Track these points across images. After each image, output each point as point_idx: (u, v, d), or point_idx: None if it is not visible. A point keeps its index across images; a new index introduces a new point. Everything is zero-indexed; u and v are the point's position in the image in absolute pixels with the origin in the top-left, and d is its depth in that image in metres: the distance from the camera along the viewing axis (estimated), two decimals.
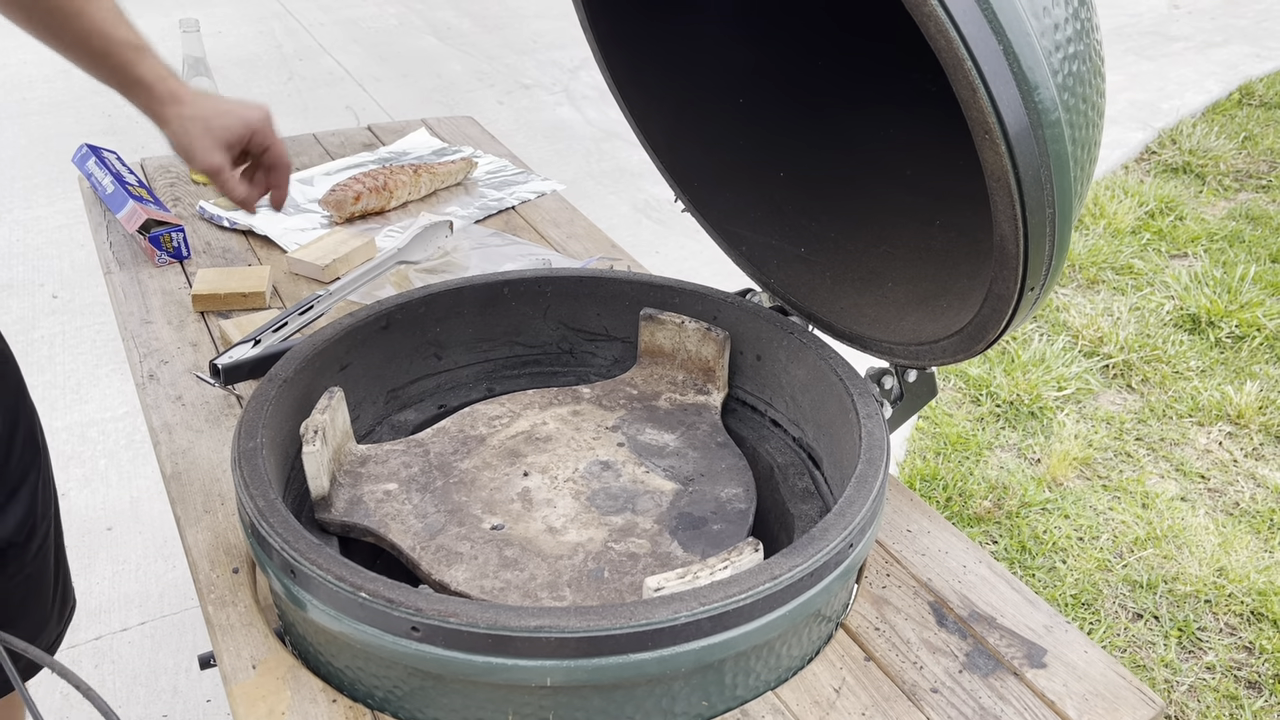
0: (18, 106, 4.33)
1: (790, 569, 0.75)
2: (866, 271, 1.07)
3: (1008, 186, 0.71)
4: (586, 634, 0.70)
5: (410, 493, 0.95)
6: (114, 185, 1.50)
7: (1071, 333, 2.92)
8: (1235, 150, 4.13)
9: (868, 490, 0.82)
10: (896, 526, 0.98)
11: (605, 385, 1.12)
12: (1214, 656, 1.95)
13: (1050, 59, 0.69)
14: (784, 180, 1.15)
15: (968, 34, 0.66)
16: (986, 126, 0.69)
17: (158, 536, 2.17)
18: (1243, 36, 5.57)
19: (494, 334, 1.14)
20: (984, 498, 2.32)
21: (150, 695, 1.84)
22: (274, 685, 0.79)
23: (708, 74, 1.15)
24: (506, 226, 1.59)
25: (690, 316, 1.10)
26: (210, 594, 0.88)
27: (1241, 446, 2.52)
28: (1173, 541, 2.21)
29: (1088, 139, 0.75)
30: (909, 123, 1.09)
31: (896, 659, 0.84)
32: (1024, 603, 0.90)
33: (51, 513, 1.19)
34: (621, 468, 1.00)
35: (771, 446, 1.07)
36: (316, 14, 5.65)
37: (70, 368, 2.70)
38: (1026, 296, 0.79)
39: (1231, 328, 2.94)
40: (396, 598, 0.71)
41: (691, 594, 0.73)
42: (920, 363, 0.96)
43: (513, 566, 0.87)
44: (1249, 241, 3.45)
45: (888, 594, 0.90)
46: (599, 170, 3.96)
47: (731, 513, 0.94)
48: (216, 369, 1.13)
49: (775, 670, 0.80)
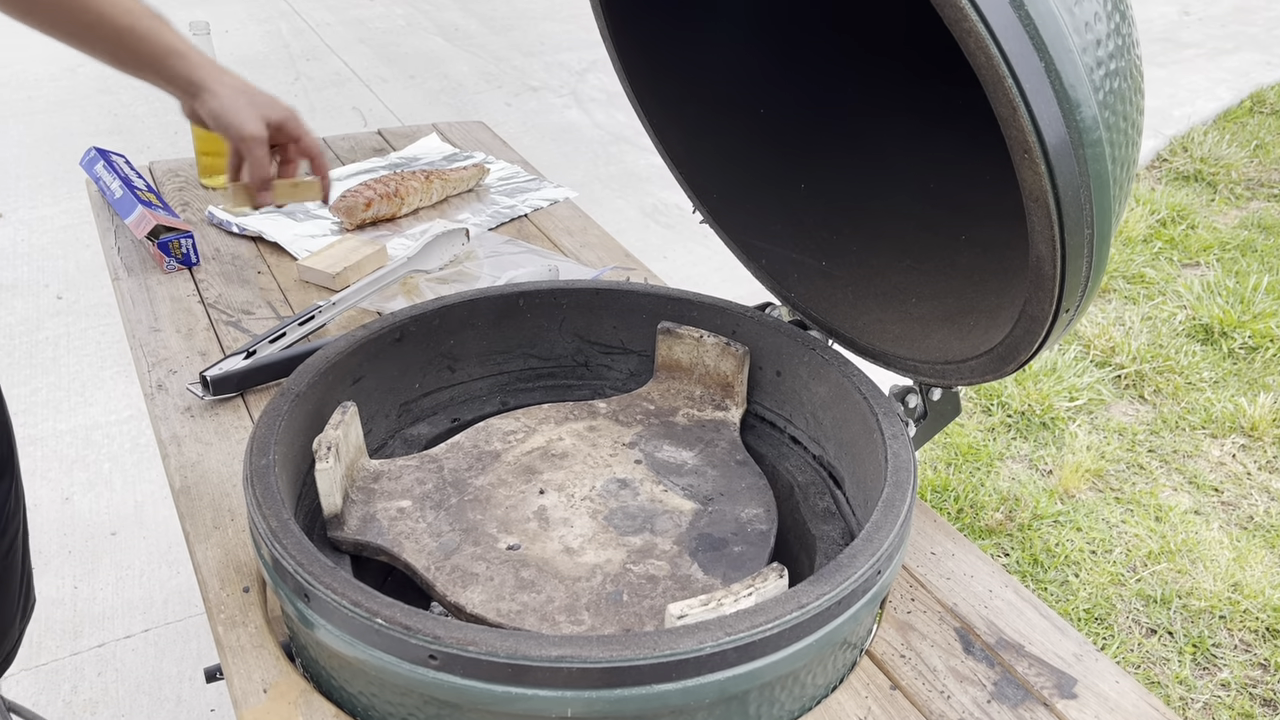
0: (23, 105, 4.32)
1: (818, 597, 0.73)
2: (890, 287, 1.05)
3: (1046, 207, 0.69)
4: (609, 664, 0.68)
5: (424, 510, 0.93)
6: (122, 190, 1.48)
7: (1083, 342, 2.90)
8: (1247, 158, 4.10)
9: (895, 515, 0.80)
10: (920, 549, 0.96)
11: (622, 400, 1.10)
12: (1229, 673, 1.93)
13: (1092, 76, 0.67)
14: (805, 192, 1.13)
15: (1009, 50, 0.64)
16: (1026, 145, 0.67)
17: (162, 542, 2.15)
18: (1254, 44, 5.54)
19: (508, 346, 1.12)
20: (995, 509, 2.29)
21: (154, 704, 1.82)
22: (286, 710, 0.77)
23: (727, 84, 1.13)
24: (519, 234, 1.57)
25: (709, 330, 1.08)
26: (220, 614, 0.86)
27: (1255, 459, 2.49)
28: (1186, 556, 2.18)
29: (1127, 157, 0.73)
30: (933, 135, 1.07)
31: (923, 688, 0.82)
32: (1052, 629, 0.88)
33: (20, 514, 1.18)
34: (639, 486, 0.98)
35: (791, 465, 1.05)
36: (324, 14, 5.64)
37: (75, 370, 2.69)
38: (1061, 318, 0.77)
39: (1245, 338, 2.91)
40: (414, 625, 0.69)
41: (716, 623, 0.71)
42: (947, 382, 0.94)
43: (529, 588, 0.85)
44: (1261, 251, 3.43)
45: (913, 619, 0.88)
46: (606, 174, 3.94)
47: (752, 534, 0.92)
48: (206, 380, 1.12)
49: (800, 700, 0.78)
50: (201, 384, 1.13)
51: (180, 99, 1.03)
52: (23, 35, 1.09)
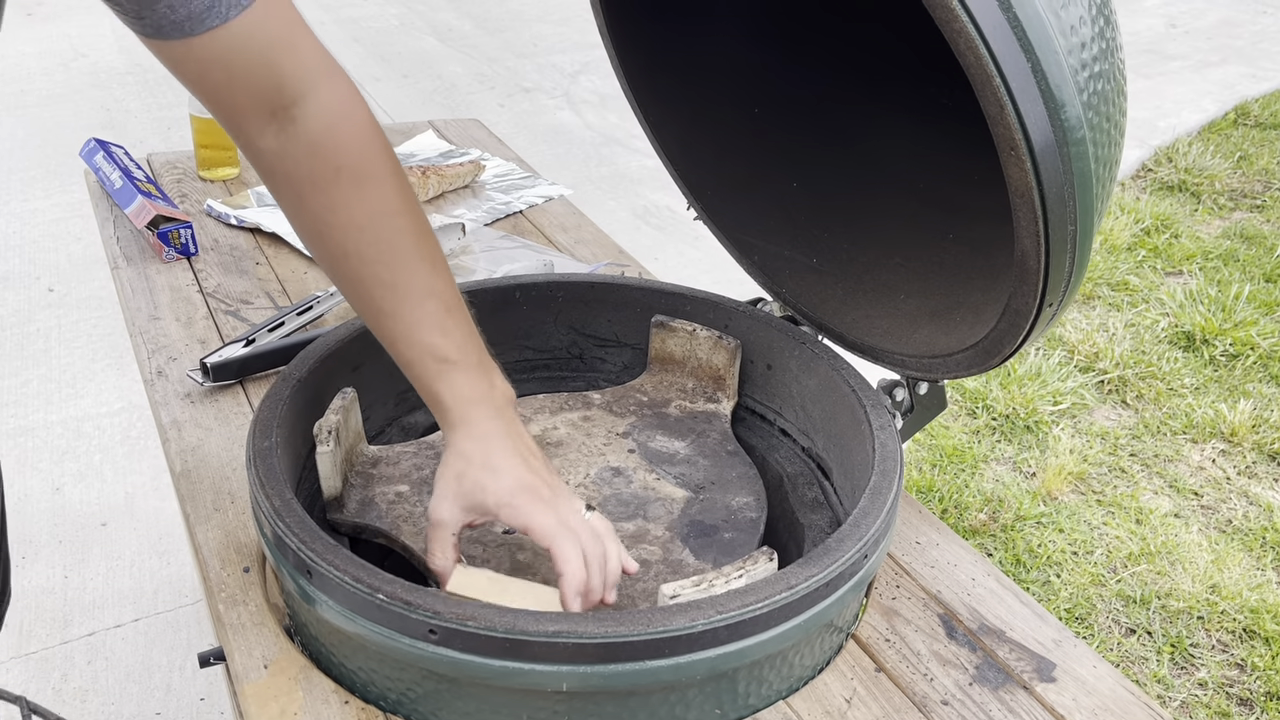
0: (16, 99, 4.32)
1: (806, 579, 0.75)
2: (879, 283, 1.07)
3: (1031, 203, 0.72)
4: (603, 639, 0.70)
5: (422, 495, 0.95)
6: (122, 180, 1.50)
7: (1067, 348, 2.93)
8: (1230, 169, 4.16)
9: (882, 502, 0.83)
10: (905, 538, 0.99)
11: (615, 391, 1.12)
12: (1206, 673, 1.96)
13: (1076, 77, 0.70)
14: (797, 190, 1.16)
15: (997, 51, 0.67)
16: (1013, 143, 0.69)
17: (152, 533, 2.16)
18: (1239, 57, 5.61)
19: (504, 337, 1.14)
20: (979, 510, 2.32)
21: (143, 692, 1.83)
22: (286, 685, 0.79)
23: (723, 83, 1.16)
24: (514, 230, 1.59)
25: (701, 324, 1.10)
26: (221, 592, 0.88)
27: (1235, 464, 2.53)
28: (1166, 558, 2.22)
29: (1110, 157, 0.76)
30: (923, 135, 1.09)
31: (907, 670, 0.84)
32: (1033, 616, 0.90)
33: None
34: (633, 474, 1.00)
35: (781, 456, 1.07)
36: (318, 12, 5.64)
37: (66, 362, 2.69)
38: (1045, 312, 0.79)
39: (1226, 346, 2.95)
40: (414, 600, 0.71)
41: (708, 602, 0.73)
42: (933, 375, 0.96)
43: (525, 570, 0.87)
44: (1243, 261, 3.47)
45: (898, 605, 0.91)
46: (598, 175, 3.97)
47: (742, 521, 0.95)
48: (206, 366, 1.13)
49: (787, 680, 0.80)
50: (202, 370, 1.14)
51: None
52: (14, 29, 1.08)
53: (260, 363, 1.17)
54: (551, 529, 0.77)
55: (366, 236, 0.78)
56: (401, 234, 0.78)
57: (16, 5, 5.32)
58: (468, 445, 0.79)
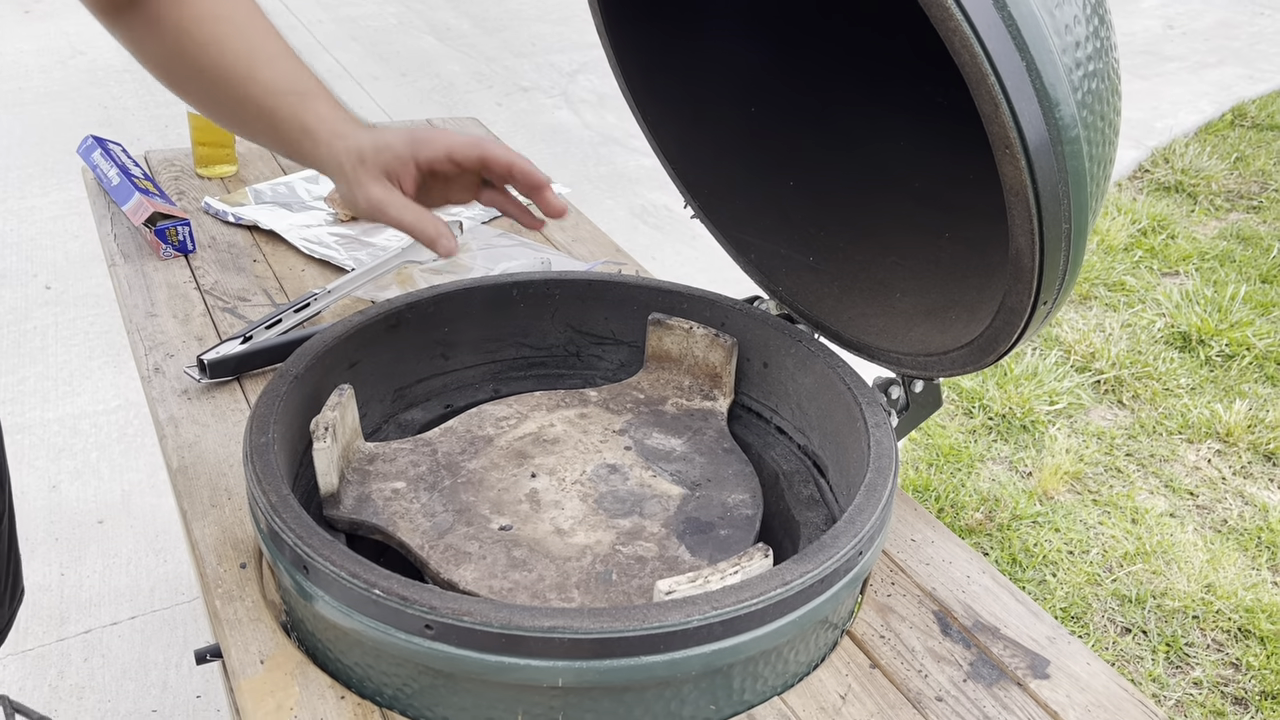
0: (13, 96, 4.32)
1: (801, 575, 0.75)
2: (874, 282, 1.08)
3: (1026, 201, 0.72)
4: (599, 635, 0.70)
5: (418, 491, 0.95)
6: (120, 177, 1.50)
7: (1064, 348, 2.94)
8: (1227, 170, 4.17)
9: (877, 499, 0.83)
10: (901, 536, 0.99)
11: (612, 389, 1.12)
12: (1201, 672, 1.96)
13: (1071, 76, 0.70)
14: (793, 189, 1.16)
15: (992, 49, 0.67)
16: (1007, 141, 0.70)
17: (149, 530, 2.16)
18: (1236, 58, 5.62)
19: (501, 335, 1.15)
20: (976, 510, 2.33)
21: (140, 690, 1.83)
22: (282, 680, 0.79)
23: (721, 83, 1.16)
24: (512, 228, 1.59)
25: (698, 322, 1.11)
26: (218, 588, 0.88)
27: (1230, 464, 2.54)
28: (1161, 557, 2.22)
29: (1104, 156, 0.76)
30: (919, 135, 1.10)
31: (902, 667, 0.84)
32: (1027, 614, 0.91)
33: (6, 501, 1.19)
34: (629, 471, 1.00)
35: (777, 453, 1.07)
36: (316, 11, 5.64)
37: (63, 359, 2.69)
38: (1039, 310, 0.80)
39: (1221, 346, 2.96)
40: (411, 595, 0.72)
41: (703, 598, 0.73)
42: (928, 373, 0.96)
43: (521, 567, 0.87)
44: (1239, 261, 3.48)
45: (892, 602, 0.91)
46: (596, 175, 3.97)
47: (738, 518, 0.95)
48: (203, 363, 1.14)
49: (782, 676, 0.81)
50: (199, 367, 1.14)
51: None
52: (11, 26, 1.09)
53: (257, 359, 1.17)
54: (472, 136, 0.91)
55: (223, 26, 0.88)
56: (251, 14, 0.90)
57: (14, 3, 5.31)
58: (352, 135, 0.87)
